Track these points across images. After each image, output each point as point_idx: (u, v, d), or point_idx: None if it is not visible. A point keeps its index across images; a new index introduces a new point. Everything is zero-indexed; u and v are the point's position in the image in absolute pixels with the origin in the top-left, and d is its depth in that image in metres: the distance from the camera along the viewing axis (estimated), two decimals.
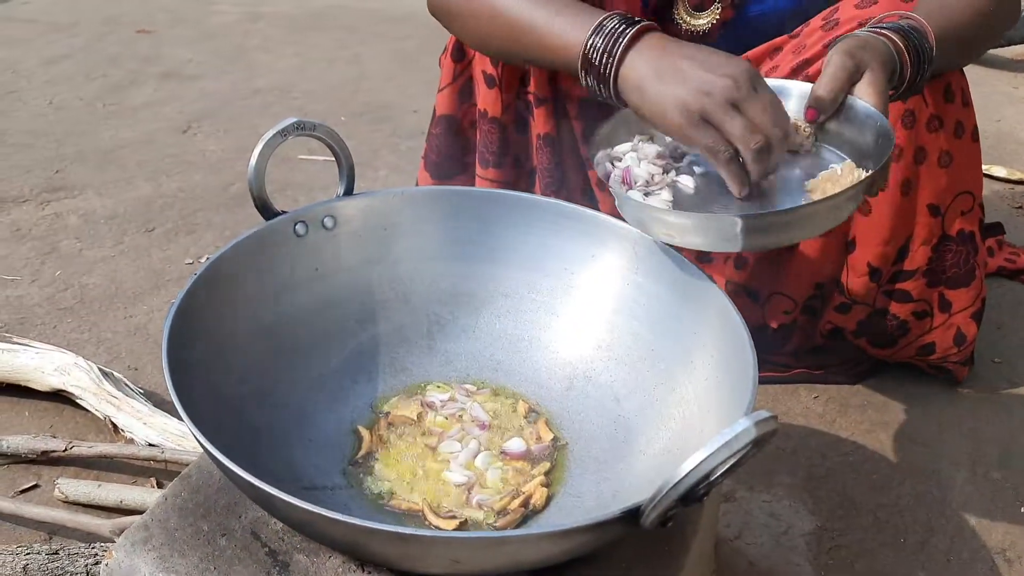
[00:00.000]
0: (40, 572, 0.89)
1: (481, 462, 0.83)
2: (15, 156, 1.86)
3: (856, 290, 1.17)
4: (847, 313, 1.20)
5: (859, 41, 0.90)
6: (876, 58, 0.89)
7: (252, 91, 2.24)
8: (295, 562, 0.72)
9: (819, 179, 0.87)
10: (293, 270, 0.90)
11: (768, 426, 0.57)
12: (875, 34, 0.92)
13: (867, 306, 1.19)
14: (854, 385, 1.29)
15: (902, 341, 1.21)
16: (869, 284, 1.17)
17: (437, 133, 1.27)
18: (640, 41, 0.89)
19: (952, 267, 1.17)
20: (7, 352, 1.19)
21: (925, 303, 1.19)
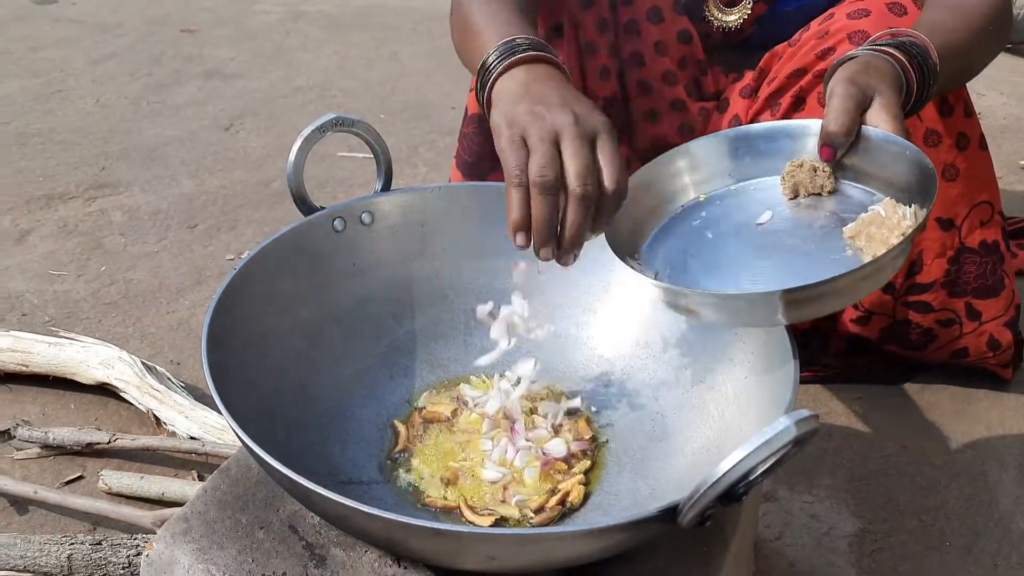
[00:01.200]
0: (83, 562, 0.91)
1: (519, 460, 0.82)
2: (62, 154, 1.90)
3: (869, 303, 1.16)
4: (867, 324, 1.18)
5: (860, 65, 0.82)
6: (883, 80, 0.81)
7: (293, 89, 2.26)
8: (332, 556, 0.72)
9: (860, 223, 0.76)
10: (331, 266, 0.91)
11: (809, 425, 0.56)
12: (876, 53, 0.83)
13: (886, 316, 1.17)
14: (897, 385, 1.26)
15: (931, 346, 1.19)
16: (883, 297, 1.16)
17: (469, 132, 1.26)
18: (527, 65, 0.82)
19: (977, 278, 1.15)
20: (54, 346, 1.22)
21: (950, 312, 1.17)
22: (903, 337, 1.19)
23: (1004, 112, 2.09)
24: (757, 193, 0.85)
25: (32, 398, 1.23)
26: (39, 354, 1.21)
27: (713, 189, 0.86)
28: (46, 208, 1.70)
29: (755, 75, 1.18)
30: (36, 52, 2.43)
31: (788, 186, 0.83)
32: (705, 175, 0.87)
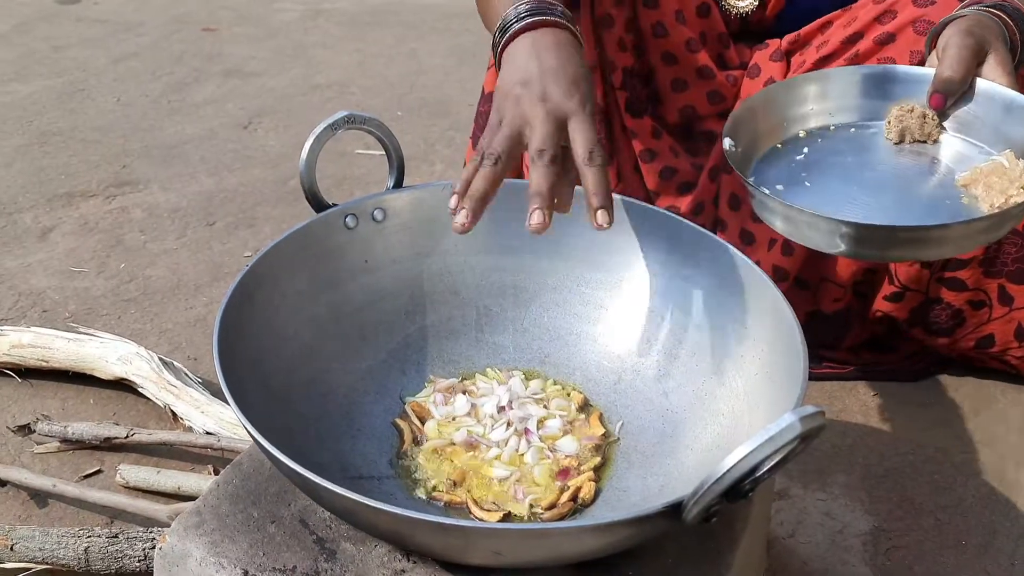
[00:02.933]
0: (100, 555, 0.92)
1: (531, 457, 0.82)
2: (84, 152, 1.92)
3: (906, 278, 1.15)
4: (899, 301, 1.17)
5: (973, 21, 0.82)
6: (997, 36, 0.82)
7: (311, 87, 2.27)
8: (342, 550, 0.73)
9: (977, 172, 0.75)
10: (343, 262, 0.91)
11: (814, 421, 0.56)
12: (986, 12, 0.83)
13: (919, 293, 1.16)
14: (915, 383, 1.25)
15: (959, 332, 1.18)
16: (921, 271, 1.14)
17: (483, 112, 1.26)
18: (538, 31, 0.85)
19: (1015, 261, 1.13)
20: (73, 342, 1.23)
21: (982, 292, 1.15)
22: (931, 319, 1.18)
23: None
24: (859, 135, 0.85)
25: (52, 393, 1.25)
26: (59, 350, 1.23)
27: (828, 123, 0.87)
28: (67, 205, 1.72)
29: (791, 39, 1.16)
30: (59, 52, 2.46)
31: (895, 130, 0.83)
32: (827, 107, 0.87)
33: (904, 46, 1.04)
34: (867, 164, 0.83)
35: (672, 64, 1.19)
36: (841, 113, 0.87)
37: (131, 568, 0.92)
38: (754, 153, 0.91)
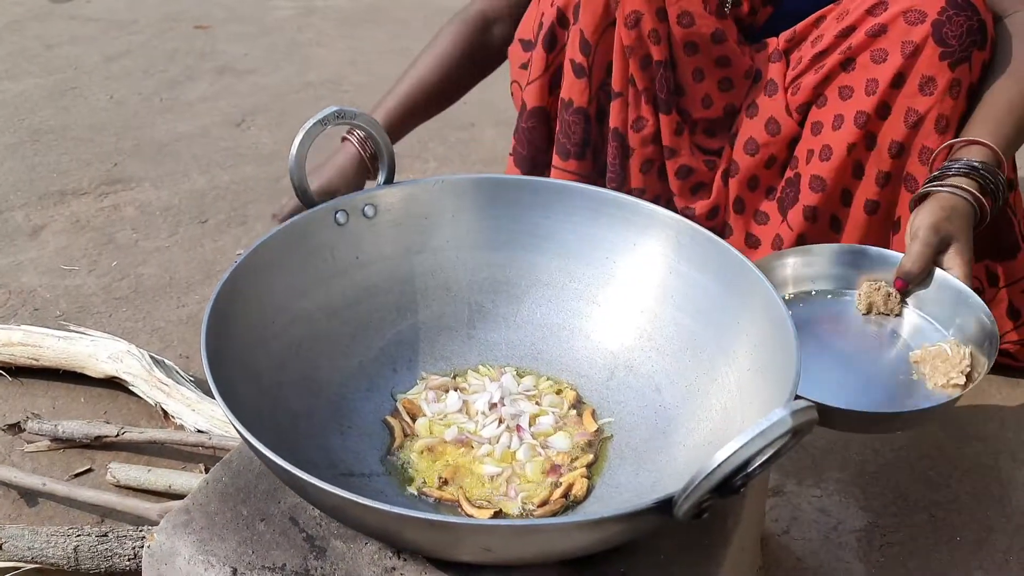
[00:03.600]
0: (90, 553, 0.91)
1: (522, 455, 0.82)
2: (76, 150, 1.91)
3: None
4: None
5: (945, 211, 0.95)
6: (961, 227, 0.96)
7: (304, 84, 2.27)
8: (332, 548, 0.72)
9: (926, 352, 0.91)
10: (334, 258, 0.91)
11: (805, 416, 0.55)
12: (954, 191, 0.97)
13: None
14: None
15: None
16: None
17: (528, 127, 1.26)
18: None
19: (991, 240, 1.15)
20: (64, 340, 1.23)
21: (976, 279, 1.16)
22: None
23: None
24: (834, 302, 1.00)
25: (43, 391, 1.24)
26: (49, 348, 1.22)
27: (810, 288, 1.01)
28: (59, 204, 1.71)
29: (788, 36, 1.17)
30: (51, 50, 2.45)
31: (864, 303, 0.98)
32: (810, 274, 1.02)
33: (896, 37, 1.04)
34: (839, 332, 0.97)
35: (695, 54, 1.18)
36: (821, 280, 1.01)
37: (121, 567, 0.92)
38: None
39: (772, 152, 1.17)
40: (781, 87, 1.15)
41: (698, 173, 1.23)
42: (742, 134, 1.19)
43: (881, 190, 1.10)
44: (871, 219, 1.13)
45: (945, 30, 1.02)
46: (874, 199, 1.11)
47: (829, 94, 1.11)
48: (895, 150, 1.08)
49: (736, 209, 1.22)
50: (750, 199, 1.21)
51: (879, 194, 1.11)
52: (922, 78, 1.04)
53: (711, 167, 1.23)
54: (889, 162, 1.09)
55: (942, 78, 1.03)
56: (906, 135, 1.06)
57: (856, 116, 1.08)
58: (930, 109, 1.05)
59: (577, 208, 0.94)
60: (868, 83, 1.06)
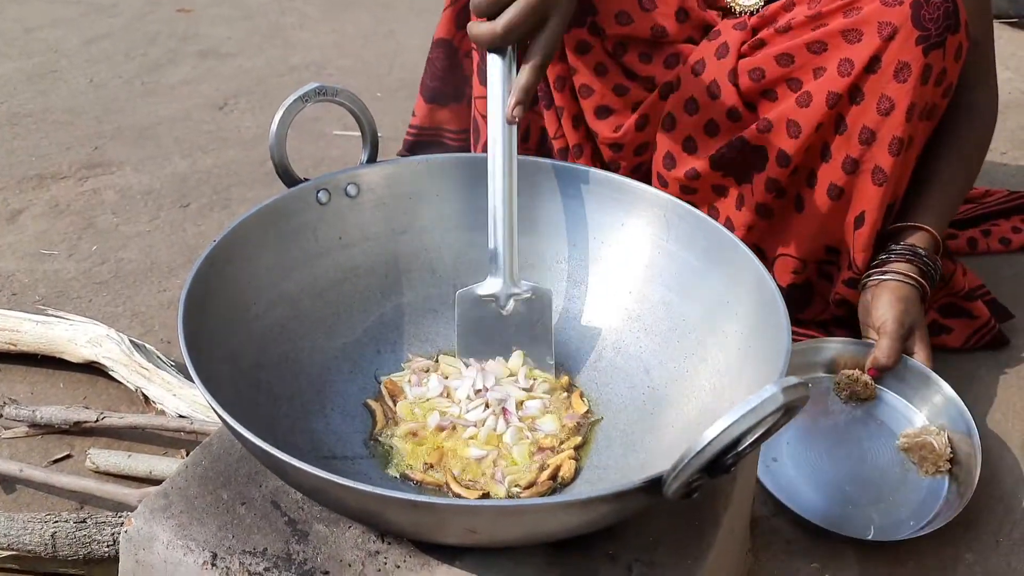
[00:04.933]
0: (68, 540, 0.90)
1: (510, 437, 0.81)
2: (55, 133, 1.88)
3: (862, 264, 1.14)
4: (856, 288, 1.16)
5: (901, 301, 1.08)
6: (918, 313, 1.09)
7: (288, 68, 2.24)
8: (315, 532, 0.71)
9: (913, 443, 1.02)
10: (316, 239, 0.89)
11: (797, 393, 0.54)
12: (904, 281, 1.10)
13: None
14: None
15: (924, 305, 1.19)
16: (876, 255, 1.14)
17: (434, 58, 1.31)
18: None
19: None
20: (42, 324, 1.20)
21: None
22: None
23: (1010, 87, 2.05)
24: (816, 388, 1.10)
25: (21, 377, 1.21)
26: (27, 332, 1.20)
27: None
28: (38, 188, 1.68)
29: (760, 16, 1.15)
30: (30, 33, 2.41)
31: (844, 393, 1.08)
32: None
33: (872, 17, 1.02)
34: (829, 425, 1.06)
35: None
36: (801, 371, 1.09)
37: (100, 554, 0.90)
38: None
39: (712, 116, 1.15)
40: (734, 53, 1.12)
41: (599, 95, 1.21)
42: (684, 89, 1.16)
43: (847, 176, 1.09)
44: (834, 204, 1.11)
45: (923, 12, 1.00)
46: (840, 185, 1.10)
47: (796, 70, 1.09)
48: (865, 136, 1.06)
49: (667, 165, 1.20)
50: (681, 157, 1.19)
51: (845, 181, 1.09)
52: (898, 64, 1.02)
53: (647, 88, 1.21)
54: (858, 148, 1.07)
55: (916, 64, 1.02)
56: (877, 122, 1.05)
57: (828, 96, 1.05)
58: (903, 97, 1.03)
59: (564, 187, 0.93)
60: (841, 63, 1.04)
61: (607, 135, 1.22)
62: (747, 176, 1.16)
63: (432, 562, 0.68)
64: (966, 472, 0.99)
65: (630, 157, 1.23)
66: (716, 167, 1.16)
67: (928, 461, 1.01)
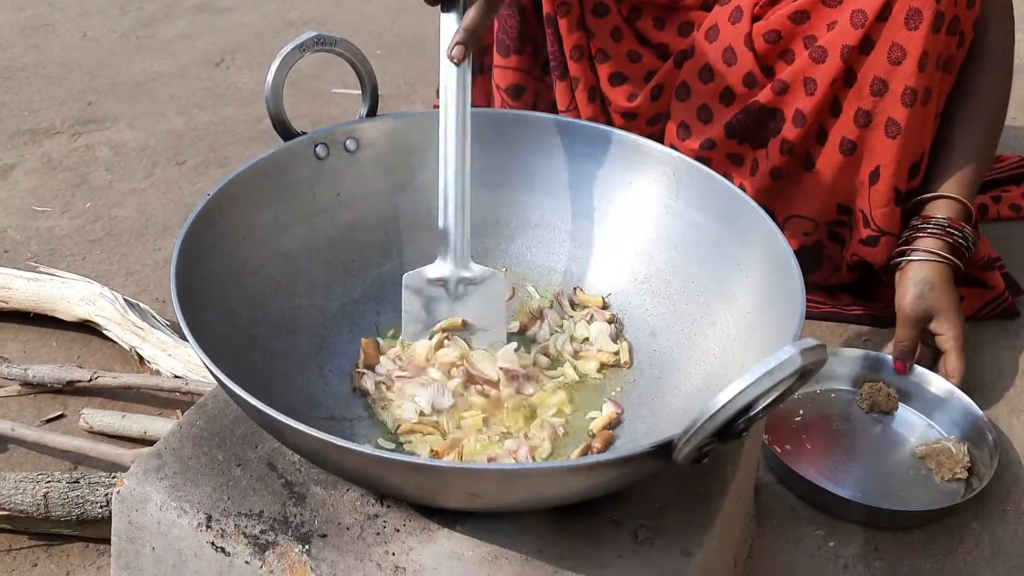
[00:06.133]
0: (60, 500, 0.88)
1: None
2: (48, 88, 1.84)
3: (882, 221, 1.11)
4: (876, 246, 1.13)
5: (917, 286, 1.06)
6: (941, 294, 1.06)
7: (286, 24, 2.19)
8: (312, 494, 0.69)
9: (931, 450, 1.01)
10: (314, 194, 0.86)
11: (815, 355, 0.52)
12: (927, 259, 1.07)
13: (894, 237, 1.13)
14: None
15: None
16: (894, 210, 1.11)
17: None
18: None
19: None
20: (33, 281, 1.18)
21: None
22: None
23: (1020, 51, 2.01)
24: (839, 397, 1.09)
25: (13, 335, 1.19)
26: (19, 290, 1.18)
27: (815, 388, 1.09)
28: (30, 143, 1.64)
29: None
30: None
31: (866, 403, 1.07)
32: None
33: None
34: (848, 430, 1.05)
35: None
36: (824, 381, 1.09)
37: (93, 514, 0.88)
38: None
39: (728, 83, 1.12)
40: (748, 15, 1.09)
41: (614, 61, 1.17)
42: (698, 56, 1.13)
43: (860, 130, 1.06)
44: (846, 160, 1.08)
45: None
46: (852, 139, 1.07)
47: (811, 27, 1.05)
48: (877, 87, 1.03)
49: (680, 136, 1.17)
50: (696, 127, 1.16)
51: (857, 134, 1.06)
52: (909, 10, 0.99)
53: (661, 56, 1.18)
54: (870, 100, 1.04)
55: (927, 10, 0.99)
56: (889, 72, 1.02)
57: (842, 50, 1.02)
58: (915, 45, 1.00)
59: (570, 144, 0.90)
60: (854, 14, 1.01)
61: (621, 103, 1.19)
62: (763, 141, 1.13)
63: (432, 526, 0.66)
64: (981, 483, 0.97)
65: (643, 127, 1.20)
66: (732, 135, 1.13)
67: (945, 467, 0.99)
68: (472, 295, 0.84)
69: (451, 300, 0.84)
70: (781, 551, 0.93)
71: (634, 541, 0.66)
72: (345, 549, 0.64)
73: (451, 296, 0.84)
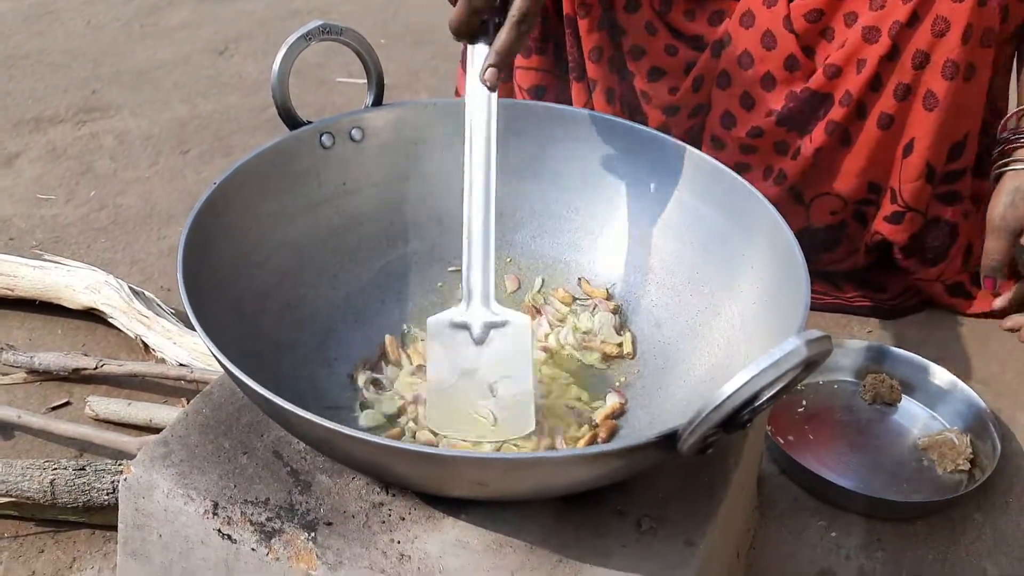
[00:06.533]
0: (67, 487, 0.89)
1: None
2: (52, 76, 1.84)
3: (910, 196, 1.11)
4: (899, 223, 1.13)
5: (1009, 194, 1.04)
6: None
7: (290, 12, 2.19)
8: (317, 482, 0.69)
9: (934, 440, 1.02)
10: (319, 184, 0.86)
11: (821, 347, 0.52)
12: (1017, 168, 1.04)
13: (920, 214, 1.12)
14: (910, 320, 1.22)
15: (952, 250, 1.16)
16: (924, 187, 1.10)
17: None
18: None
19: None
20: (38, 269, 1.18)
21: (970, 201, 1.15)
22: (928, 243, 1.15)
23: None
24: (843, 388, 1.10)
25: (18, 323, 1.20)
26: (24, 277, 1.18)
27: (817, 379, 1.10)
28: (35, 131, 1.65)
29: None
30: None
31: (870, 394, 1.08)
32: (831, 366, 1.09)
33: None
34: (851, 421, 1.06)
35: None
36: (828, 372, 1.10)
37: (99, 501, 0.89)
38: None
39: (768, 68, 1.11)
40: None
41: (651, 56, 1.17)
42: (735, 44, 1.13)
43: (898, 103, 1.05)
44: (883, 135, 1.08)
45: None
46: (890, 113, 1.06)
47: (851, 2, 1.05)
48: (919, 60, 1.02)
49: (725, 125, 1.17)
50: (740, 115, 1.16)
51: (895, 108, 1.06)
52: None
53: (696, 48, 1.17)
54: (911, 73, 1.03)
55: None
56: (931, 44, 1.01)
57: (891, 26, 1.01)
58: (959, 17, 0.99)
59: (576, 135, 0.90)
60: None
61: (663, 98, 1.18)
62: (810, 126, 1.12)
63: (437, 514, 0.66)
64: (984, 475, 0.97)
65: (684, 121, 1.20)
66: (781, 123, 1.13)
67: (947, 459, 1.00)
68: (497, 339, 0.78)
69: (476, 345, 0.78)
70: (784, 541, 0.93)
71: (638, 531, 0.66)
72: (351, 537, 0.65)
73: (476, 341, 0.78)
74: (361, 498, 0.68)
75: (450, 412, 0.74)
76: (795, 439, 1.02)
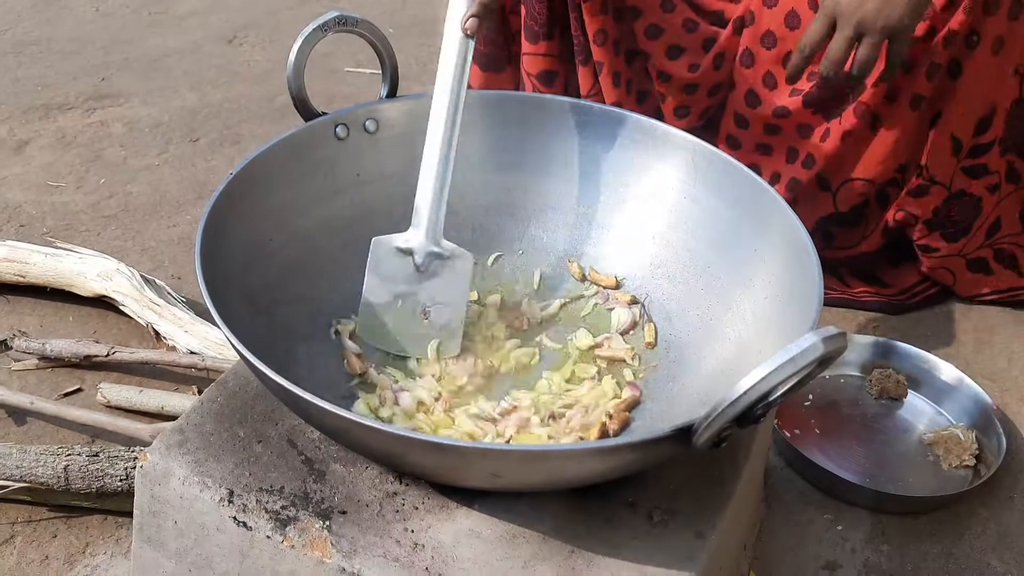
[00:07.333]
0: (80, 473, 0.89)
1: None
2: (61, 63, 1.84)
3: (936, 168, 1.11)
4: (924, 196, 1.13)
5: None
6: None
7: (298, 1, 2.19)
8: (331, 471, 0.70)
9: (939, 436, 1.02)
10: (333, 175, 0.87)
11: (836, 343, 0.52)
12: None
13: (944, 188, 1.12)
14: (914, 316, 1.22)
15: (975, 225, 1.16)
16: (950, 159, 1.10)
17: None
18: None
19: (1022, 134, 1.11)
20: (51, 257, 1.19)
21: (996, 174, 1.13)
22: (950, 219, 1.15)
23: None
24: (849, 383, 1.11)
25: (30, 309, 1.20)
26: (36, 264, 1.19)
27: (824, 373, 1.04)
28: (44, 118, 1.65)
29: None
30: None
31: (876, 389, 1.09)
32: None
33: None
34: (857, 415, 1.06)
35: None
36: (834, 367, 1.05)
37: (112, 487, 0.90)
38: None
39: (791, 48, 1.11)
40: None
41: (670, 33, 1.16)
42: (759, 22, 1.12)
43: (929, 83, 1.05)
44: (914, 115, 1.08)
45: None
46: (921, 93, 1.06)
47: None
48: (948, 37, 1.02)
49: (749, 103, 1.17)
50: (764, 94, 1.16)
51: (927, 88, 1.06)
52: None
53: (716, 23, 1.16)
54: (945, 54, 1.03)
55: None
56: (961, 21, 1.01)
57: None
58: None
59: (587, 128, 0.90)
60: None
61: (683, 76, 1.18)
62: (838, 110, 1.12)
63: (451, 504, 0.67)
64: (989, 471, 0.98)
65: (704, 99, 1.19)
66: (808, 104, 1.12)
67: (952, 454, 1.00)
68: (439, 272, 0.84)
69: (417, 272, 0.84)
70: (789, 534, 0.94)
71: (649, 523, 0.67)
72: (365, 526, 0.66)
73: (418, 269, 0.84)
74: (375, 487, 0.69)
75: (380, 326, 0.82)
76: (802, 432, 1.02)
